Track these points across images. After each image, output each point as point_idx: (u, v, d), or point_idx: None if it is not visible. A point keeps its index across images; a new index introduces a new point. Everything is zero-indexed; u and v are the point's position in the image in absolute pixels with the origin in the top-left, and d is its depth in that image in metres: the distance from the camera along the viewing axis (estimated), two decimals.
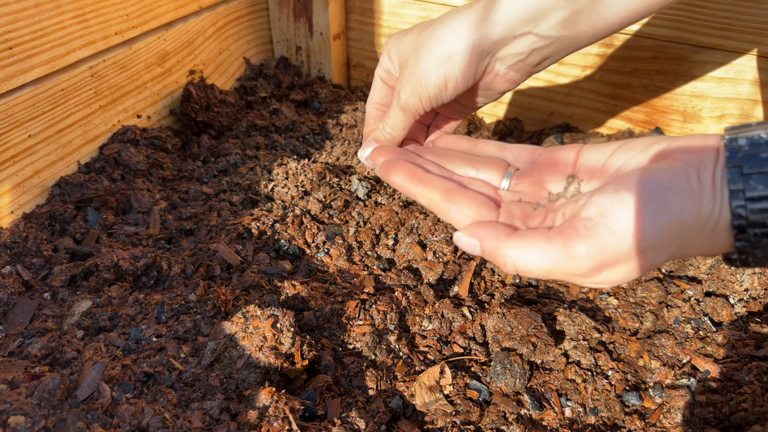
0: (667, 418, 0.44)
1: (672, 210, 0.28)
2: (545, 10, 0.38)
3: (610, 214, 0.29)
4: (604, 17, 0.38)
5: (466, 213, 0.36)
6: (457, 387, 0.45)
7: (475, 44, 0.40)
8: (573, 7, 0.38)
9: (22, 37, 0.56)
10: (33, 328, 0.48)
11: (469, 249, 0.34)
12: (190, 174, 0.71)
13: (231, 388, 0.42)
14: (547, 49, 0.41)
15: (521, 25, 0.39)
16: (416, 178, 0.38)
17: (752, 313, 0.51)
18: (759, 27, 0.64)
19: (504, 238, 0.32)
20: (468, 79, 0.42)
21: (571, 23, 0.39)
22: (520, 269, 0.32)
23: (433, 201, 0.37)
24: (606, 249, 0.29)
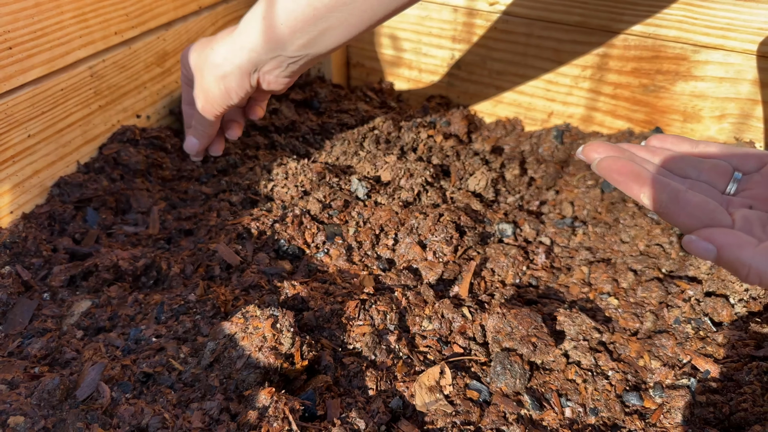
0: (667, 418, 0.44)
1: None
2: (287, 40, 0.49)
3: None
4: (331, 41, 0.50)
5: (697, 217, 0.34)
6: (457, 387, 0.45)
7: (241, 66, 0.52)
8: (307, 37, 0.49)
9: (22, 37, 0.56)
10: (32, 329, 0.48)
11: (702, 254, 0.32)
12: (189, 174, 0.71)
13: (231, 388, 0.42)
14: (300, 61, 0.53)
15: (271, 51, 0.51)
16: (641, 178, 0.36)
17: (752, 313, 0.51)
18: (759, 27, 0.64)
19: (747, 247, 0.31)
20: (244, 88, 0.54)
21: (309, 46, 0.50)
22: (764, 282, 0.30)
23: (660, 203, 0.35)
24: None
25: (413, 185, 0.68)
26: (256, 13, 0.50)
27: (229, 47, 0.52)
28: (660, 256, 0.59)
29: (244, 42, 0.51)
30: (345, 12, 0.47)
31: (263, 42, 0.50)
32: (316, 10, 0.47)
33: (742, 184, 0.38)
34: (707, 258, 0.32)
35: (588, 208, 0.67)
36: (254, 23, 0.50)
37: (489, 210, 0.66)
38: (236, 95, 0.55)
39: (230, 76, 0.53)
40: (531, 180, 0.73)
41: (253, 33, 0.50)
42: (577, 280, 0.57)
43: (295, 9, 0.47)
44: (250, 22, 0.50)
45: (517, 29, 0.78)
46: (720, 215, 0.34)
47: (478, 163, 0.73)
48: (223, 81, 0.54)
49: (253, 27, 0.50)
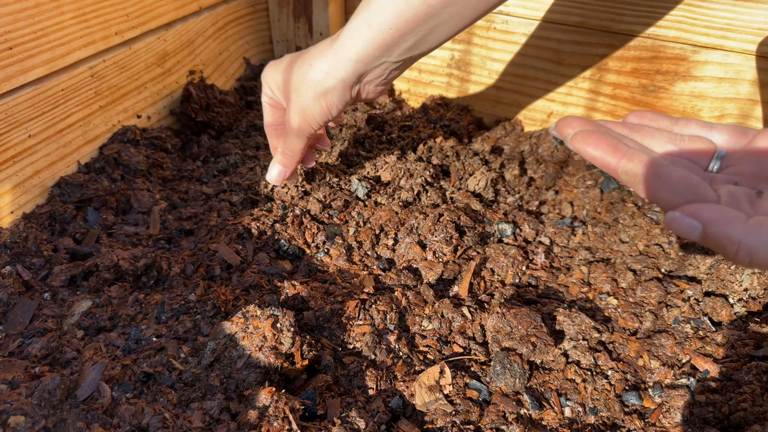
0: (666, 417, 0.44)
1: None
2: (394, 45, 0.46)
3: None
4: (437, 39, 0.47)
5: (679, 192, 0.31)
6: (457, 387, 0.45)
7: (345, 79, 0.49)
8: (415, 38, 0.46)
9: (23, 37, 0.56)
10: (33, 328, 0.48)
11: (686, 231, 0.30)
12: (189, 174, 0.72)
13: (231, 388, 0.42)
14: (403, 65, 0.50)
15: (377, 58, 0.48)
16: (618, 151, 0.34)
17: (752, 313, 0.51)
18: (758, 27, 0.64)
19: (735, 222, 0.28)
20: (345, 103, 0.51)
21: (415, 47, 0.47)
22: (755, 261, 0.28)
23: (638, 177, 0.33)
24: None
25: (413, 185, 0.68)
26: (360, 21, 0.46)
27: (331, 60, 0.48)
28: (659, 256, 0.59)
29: (349, 53, 0.47)
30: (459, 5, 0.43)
31: (370, 50, 0.46)
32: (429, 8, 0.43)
33: (725, 161, 0.36)
34: (692, 236, 0.30)
35: (587, 208, 0.68)
36: (359, 32, 0.46)
37: (489, 210, 0.67)
38: (336, 110, 0.51)
39: (332, 91, 0.49)
40: (530, 180, 0.73)
41: (359, 42, 0.46)
42: (576, 279, 0.57)
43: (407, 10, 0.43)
44: (355, 31, 0.46)
45: (516, 30, 0.78)
46: (704, 190, 0.32)
47: (478, 163, 0.74)
48: (324, 97, 0.50)
49: (358, 36, 0.46)
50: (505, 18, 0.78)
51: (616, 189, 0.70)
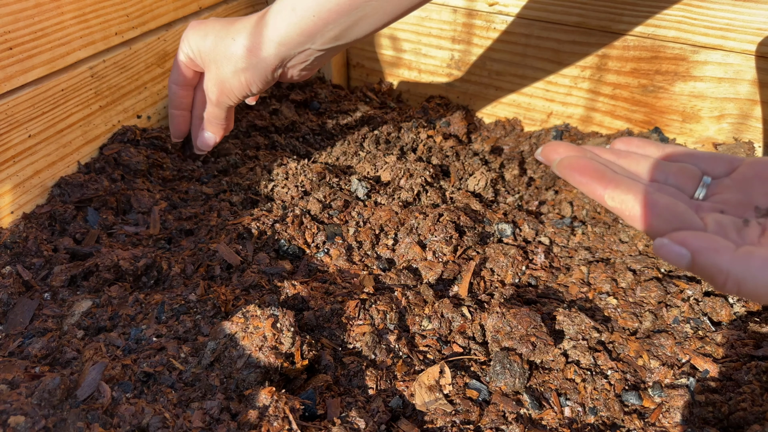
0: (666, 417, 0.44)
1: None
2: (318, 33, 0.46)
3: None
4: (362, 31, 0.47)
5: (666, 219, 0.31)
6: (457, 386, 0.45)
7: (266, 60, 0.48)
8: (339, 29, 0.46)
9: (23, 37, 0.56)
10: (33, 328, 0.48)
11: (675, 259, 0.30)
12: (190, 174, 0.72)
13: (231, 387, 0.42)
14: (327, 54, 0.50)
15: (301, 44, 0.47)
16: (605, 178, 0.34)
17: (751, 313, 0.51)
18: (758, 27, 0.64)
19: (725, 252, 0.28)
20: (266, 82, 0.51)
21: (340, 38, 0.47)
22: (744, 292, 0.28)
23: (626, 204, 0.32)
24: None
25: (413, 185, 0.68)
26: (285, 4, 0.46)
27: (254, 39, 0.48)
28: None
29: (272, 35, 0.47)
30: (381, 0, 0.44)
31: (294, 35, 0.46)
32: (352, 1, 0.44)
33: (711, 189, 0.35)
34: (680, 264, 0.30)
35: (587, 208, 0.68)
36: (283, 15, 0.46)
37: (488, 210, 0.67)
38: (256, 88, 0.51)
39: (252, 69, 0.49)
40: (530, 180, 0.73)
41: (282, 26, 0.46)
42: (576, 279, 0.58)
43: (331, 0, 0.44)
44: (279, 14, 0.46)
45: (516, 30, 0.78)
46: (691, 218, 0.32)
47: (478, 163, 0.74)
48: (243, 74, 0.50)
49: (281, 19, 0.46)
50: (504, 18, 0.78)
51: None
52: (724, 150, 0.71)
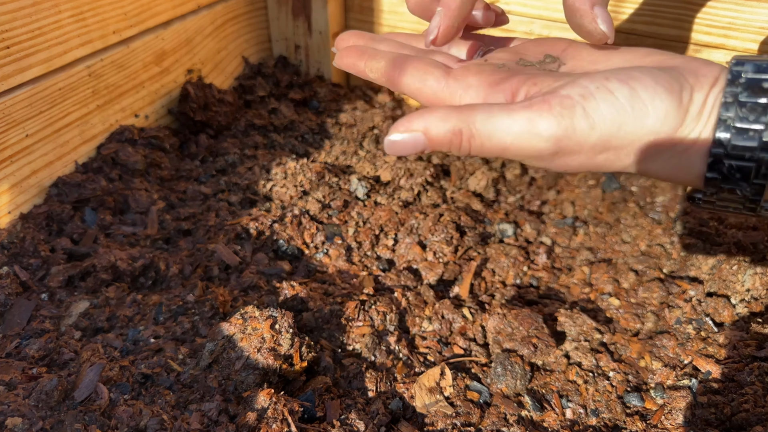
0: (668, 419, 0.43)
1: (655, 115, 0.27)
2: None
3: (591, 99, 0.27)
4: None
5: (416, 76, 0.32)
6: (458, 388, 0.44)
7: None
8: None
9: (20, 36, 0.56)
10: (30, 329, 0.47)
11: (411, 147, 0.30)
12: (188, 174, 0.71)
13: (229, 389, 0.42)
14: None
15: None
16: (365, 55, 0.35)
17: (754, 314, 0.51)
18: (760, 26, 0.64)
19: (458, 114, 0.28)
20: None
21: None
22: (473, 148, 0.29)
23: (380, 71, 0.34)
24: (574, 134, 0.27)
25: (413, 185, 0.67)
26: None
27: None
28: (661, 257, 0.59)
29: None
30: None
31: None
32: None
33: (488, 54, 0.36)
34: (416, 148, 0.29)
35: (589, 208, 0.67)
36: None
37: (489, 210, 0.66)
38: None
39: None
40: (532, 180, 0.73)
41: None
42: (578, 280, 0.57)
43: None
44: None
45: (516, 28, 0.77)
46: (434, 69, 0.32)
47: (479, 162, 0.73)
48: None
49: None
50: None
51: (618, 189, 0.69)
52: None
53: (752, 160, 0.26)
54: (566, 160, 0.29)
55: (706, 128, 0.27)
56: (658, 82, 0.27)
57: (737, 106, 0.26)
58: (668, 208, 0.66)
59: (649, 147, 0.27)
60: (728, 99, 0.26)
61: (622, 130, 0.27)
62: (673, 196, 0.67)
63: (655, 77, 0.28)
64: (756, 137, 0.25)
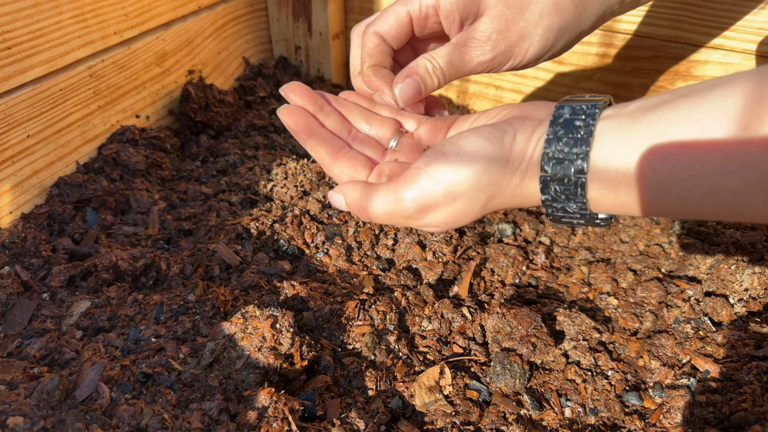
0: (667, 418, 0.44)
1: (481, 160, 0.33)
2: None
3: (432, 164, 0.35)
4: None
5: (344, 171, 0.40)
6: (457, 387, 0.44)
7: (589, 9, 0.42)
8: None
9: (21, 37, 0.56)
10: (32, 329, 0.47)
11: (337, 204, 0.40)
12: (189, 174, 0.71)
13: (230, 388, 0.42)
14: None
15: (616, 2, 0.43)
16: (309, 130, 0.41)
17: (752, 313, 0.51)
18: (758, 27, 0.64)
19: (360, 190, 0.38)
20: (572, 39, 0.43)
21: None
22: (369, 215, 0.37)
23: (319, 156, 0.41)
24: (426, 193, 0.34)
25: None
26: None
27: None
28: (659, 256, 0.59)
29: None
30: None
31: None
32: None
33: (400, 140, 0.43)
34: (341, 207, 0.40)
35: None
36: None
37: None
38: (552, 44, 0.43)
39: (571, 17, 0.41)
40: None
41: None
42: (576, 279, 0.57)
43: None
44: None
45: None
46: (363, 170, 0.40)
47: None
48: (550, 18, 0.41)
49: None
50: None
51: None
52: None
53: (570, 183, 0.31)
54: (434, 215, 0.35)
55: (532, 161, 0.33)
56: (480, 135, 0.34)
57: (556, 141, 0.32)
58: None
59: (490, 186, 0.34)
60: (550, 136, 0.32)
61: (459, 177, 0.34)
62: None
63: (478, 132, 0.35)
64: (571, 165, 0.31)
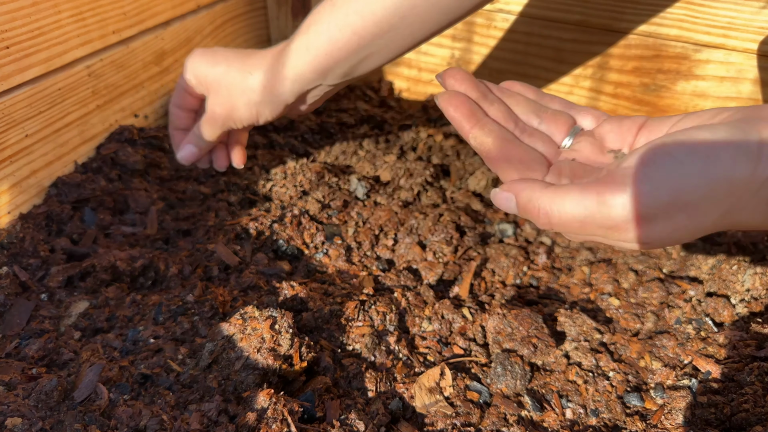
0: (668, 419, 0.43)
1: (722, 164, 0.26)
2: (329, 70, 0.47)
3: (651, 163, 0.28)
4: (370, 66, 0.48)
5: (515, 167, 0.35)
6: (458, 388, 0.44)
7: (281, 95, 0.50)
8: (349, 65, 0.47)
9: (19, 36, 0.56)
10: (30, 330, 0.47)
11: (504, 205, 0.34)
12: (187, 174, 0.71)
13: (229, 389, 0.42)
14: (335, 88, 0.52)
15: (314, 81, 0.49)
16: (474, 117, 0.37)
17: (754, 314, 0.51)
18: (760, 26, 0.64)
19: (539, 190, 0.32)
20: (276, 115, 0.53)
21: (350, 73, 0.49)
22: (552, 221, 0.31)
23: (484, 146, 0.36)
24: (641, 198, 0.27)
25: (413, 185, 0.67)
26: (300, 44, 0.48)
27: (270, 76, 0.50)
28: (661, 257, 0.59)
29: (288, 73, 0.48)
30: (387, 39, 0.46)
31: (308, 73, 0.48)
32: (360, 39, 0.45)
33: (577, 138, 0.38)
34: (509, 209, 0.34)
35: None
36: (299, 54, 0.47)
37: (489, 210, 0.66)
38: (264, 119, 0.53)
39: (265, 104, 0.51)
40: None
41: (300, 65, 0.48)
42: (577, 280, 0.57)
43: (340, 38, 0.45)
44: (295, 53, 0.48)
45: (517, 28, 0.77)
46: (537, 165, 0.35)
47: (479, 162, 0.73)
48: (257, 107, 0.52)
49: (297, 58, 0.48)
50: (505, 16, 0.78)
51: None
52: None
53: None
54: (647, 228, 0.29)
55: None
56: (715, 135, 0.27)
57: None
58: None
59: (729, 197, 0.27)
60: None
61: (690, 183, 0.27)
62: None
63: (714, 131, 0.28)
64: None
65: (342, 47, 0.46)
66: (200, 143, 0.57)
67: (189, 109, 0.58)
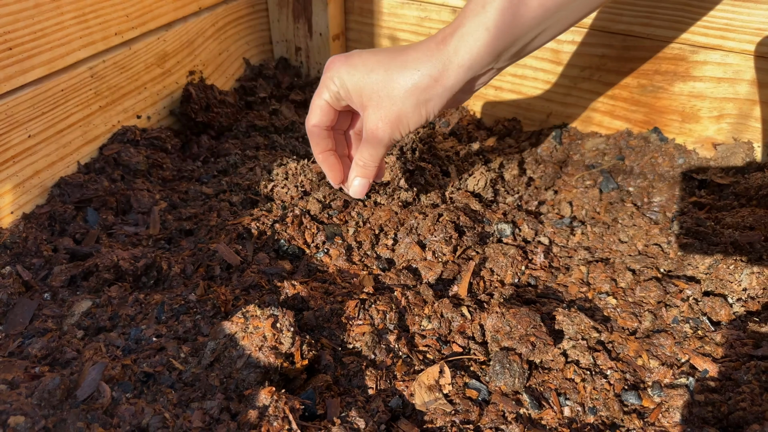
0: (665, 417, 0.44)
1: None
2: (506, 49, 0.45)
3: None
4: (539, 43, 0.46)
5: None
6: (457, 386, 0.45)
7: (453, 87, 0.46)
8: (524, 41, 0.45)
9: (22, 37, 0.56)
10: (33, 329, 0.48)
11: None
12: (189, 174, 0.72)
13: (231, 387, 0.42)
14: (501, 71, 0.49)
15: (487, 65, 0.46)
16: None
17: (750, 313, 0.51)
18: (757, 27, 0.64)
19: None
20: (441, 110, 0.48)
21: (521, 52, 0.46)
22: None
23: None
24: None
25: (413, 185, 0.68)
26: (476, 25, 0.43)
27: (442, 67, 0.45)
28: (658, 256, 0.59)
29: (463, 60, 0.44)
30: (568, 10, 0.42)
31: (485, 56, 0.44)
32: (546, 11, 0.42)
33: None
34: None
35: (586, 208, 0.68)
36: (475, 37, 0.43)
37: (488, 210, 0.67)
38: (432, 118, 0.48)
39: (437, 99, 0.46)
40: (530, 180, 0.73)
41: (477, 46, 0.43)
42: (575, 279, 0.58)
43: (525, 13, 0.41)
44: (470, 36, 0.43)
45: None
46: None
47: (477, 163, 0.74)
48: (426, 105, 0.47)
49: (473, 41, 0.43)
50: None
51: (615, 189, 0.70)
52: (723, 150, 0.72)
53: None
54: None
55: None
56: None
57: None
58: (665, 208, 0.66)
59: None
60: None
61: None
62: (670, 196, 0.68)
63: None
64: None
65: (525, 21, 0.42)
66: (368, 172, 0.53)
67: (330, 127, 0.54)
